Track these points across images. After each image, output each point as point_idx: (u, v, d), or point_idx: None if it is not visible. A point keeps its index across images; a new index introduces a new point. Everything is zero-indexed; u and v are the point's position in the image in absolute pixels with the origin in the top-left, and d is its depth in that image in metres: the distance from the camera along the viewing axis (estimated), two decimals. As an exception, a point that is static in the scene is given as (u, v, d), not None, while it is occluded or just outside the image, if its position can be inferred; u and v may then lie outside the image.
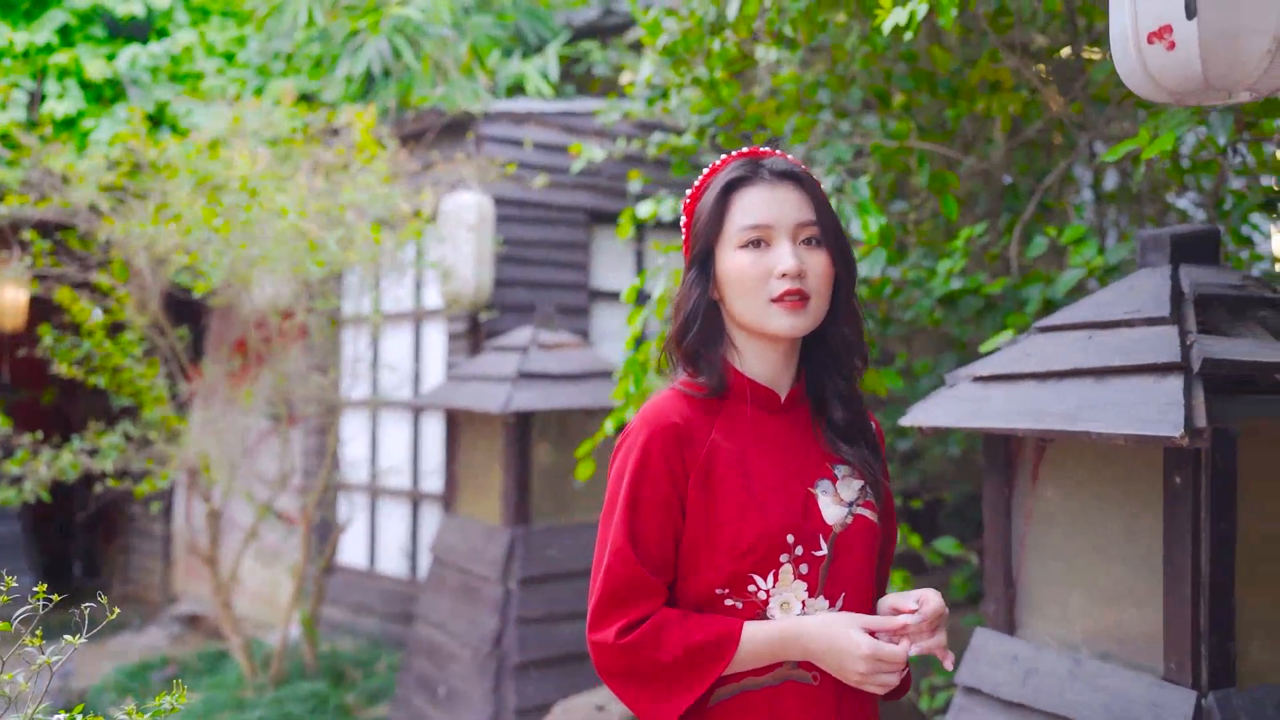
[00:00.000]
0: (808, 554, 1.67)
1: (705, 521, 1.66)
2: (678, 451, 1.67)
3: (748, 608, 1.66)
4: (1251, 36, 1.55)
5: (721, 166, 1.77)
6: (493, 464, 5.30)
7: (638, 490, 1.66)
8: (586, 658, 5.16)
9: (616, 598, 1.66)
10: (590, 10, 7.76)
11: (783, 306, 1.67)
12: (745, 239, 1.69)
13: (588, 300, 6.49)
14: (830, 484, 1.74)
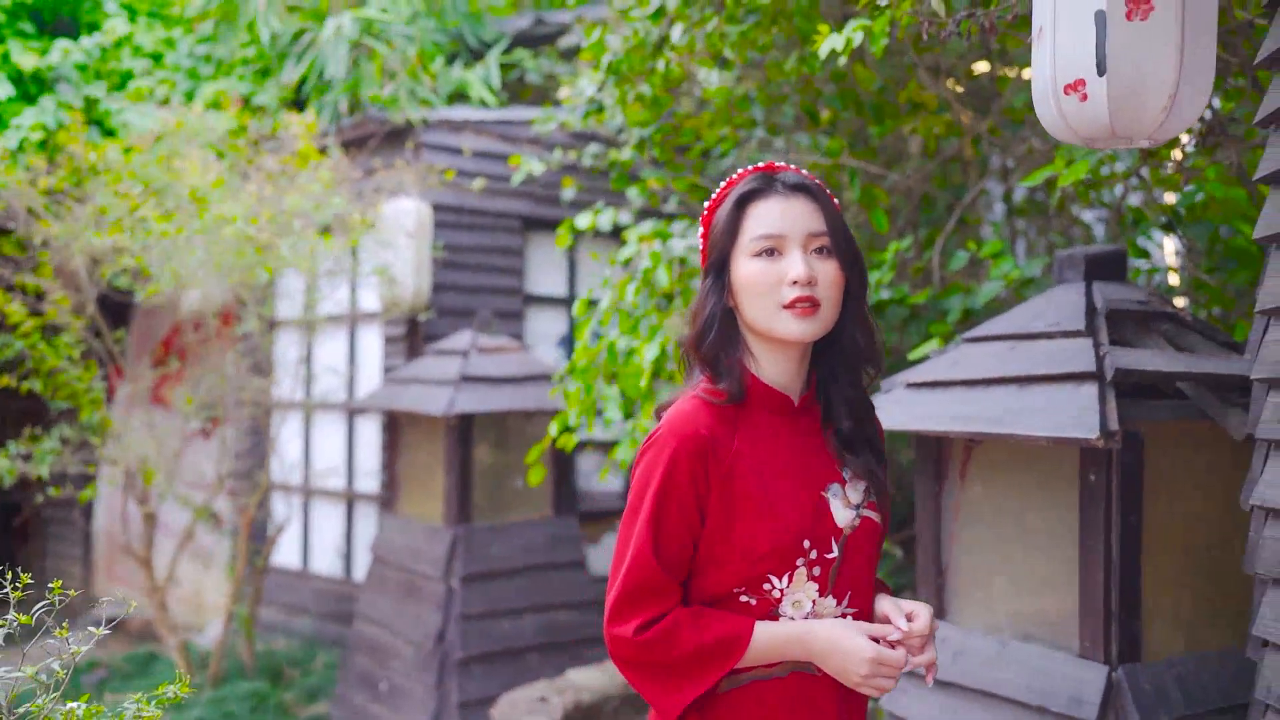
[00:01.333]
0: (820, 556, 1.75)
1: (725, 527, 1.73)
2: (702, 463, 1.73)
3: (761, 604, 1.74)
4: (1151, 94, 1.79)
5: (738, 180, 1.84)
6: (435, 465, 5.44)
7: (663, 500, 1.73)
8: (527, 652, 5.34)
9: (635, 596, 1.74)
10: (522, 19, 7.90)
11: (794, 313, 1.73)
12: (758, 248, 1.75)
13: (522, 304, 6.65)
14: (840, 487, 1.81)
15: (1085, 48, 1.77)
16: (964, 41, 2.95)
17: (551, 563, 5.52)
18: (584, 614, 5.57)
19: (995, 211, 6.23)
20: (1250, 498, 2.17)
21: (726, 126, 5.02)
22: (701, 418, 1.77)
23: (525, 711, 4.47)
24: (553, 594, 5.47)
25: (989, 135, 4.74)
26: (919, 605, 1.82)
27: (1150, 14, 1.73)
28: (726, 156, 5.53)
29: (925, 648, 1.79)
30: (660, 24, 4.67)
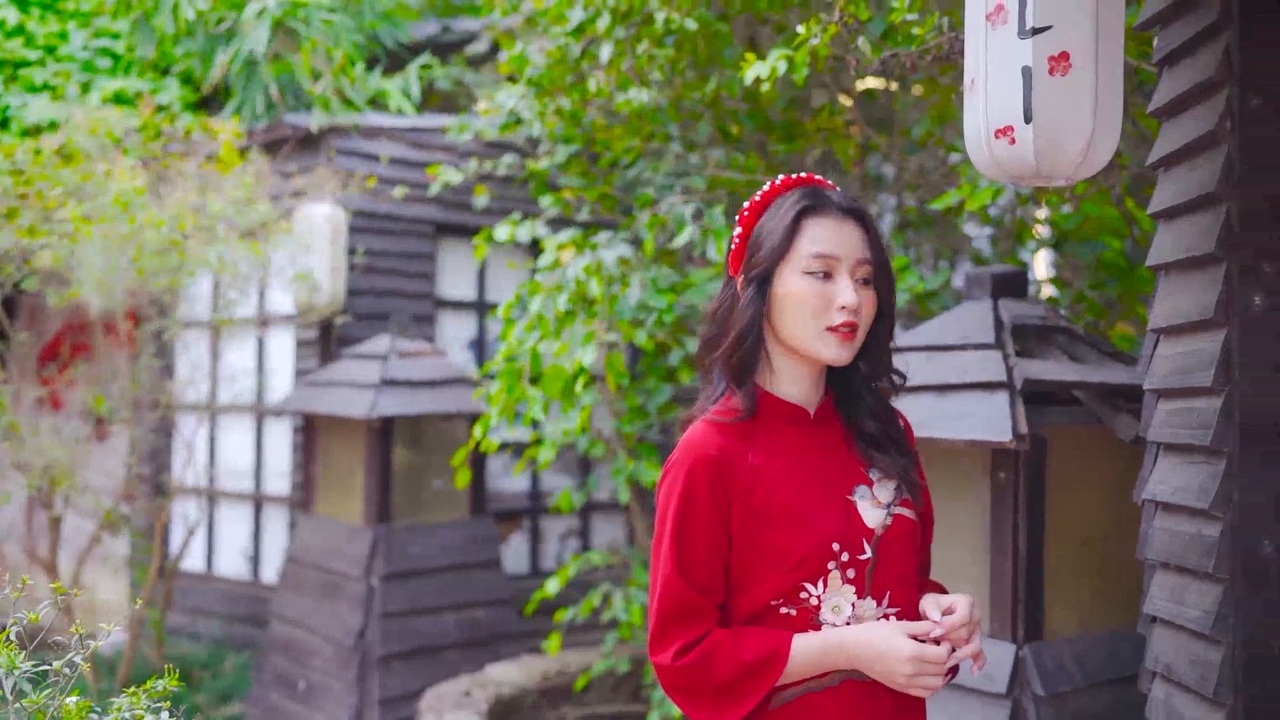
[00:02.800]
0: (853, 559, 1.74)
1: (754, 542, 1.73)
2: (720, 481, 1.73)
3: (801, 614, 1.73)
4: (1071, 140, 2.04)
5: (781, 190, 1.82)
6: (354, 467, 5.52)
7: (683, 522, 1.74)
8: (447, 649, 5.47)
9: (670, 623, 1.74)
10: (429, 26, 7.99)
11: (837, 336, 1.74)
12: (812, 267, 1.74)
13: (433, 309, 6.75)
14: (867, 489, 1.81)
15: (1014, 99, 2.01)
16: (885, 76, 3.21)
17: (469, 562, 5.66)
18: (501, 611, 5.72)
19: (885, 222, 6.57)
20: (1142, 493, 2.46)
21: (636, 138, 5.24)
22: (712, 439, 1.77)
23: (451, 705, 4.61)
24: (471, 592, 5.61)
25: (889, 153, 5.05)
26: (958, 597, 1.80)
27: (1070, 70, 1.98)
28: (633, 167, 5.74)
29: (971, 638, 1.77)
30: (581, 40, 4.85)
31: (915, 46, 2.94)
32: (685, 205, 4.50)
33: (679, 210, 4.61)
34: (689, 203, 4.50)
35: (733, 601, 1.78)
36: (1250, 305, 2.07)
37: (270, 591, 6.53)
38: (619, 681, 5.42)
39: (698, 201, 4.48)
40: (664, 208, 4.65)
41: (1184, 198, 2.23)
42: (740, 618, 1.77)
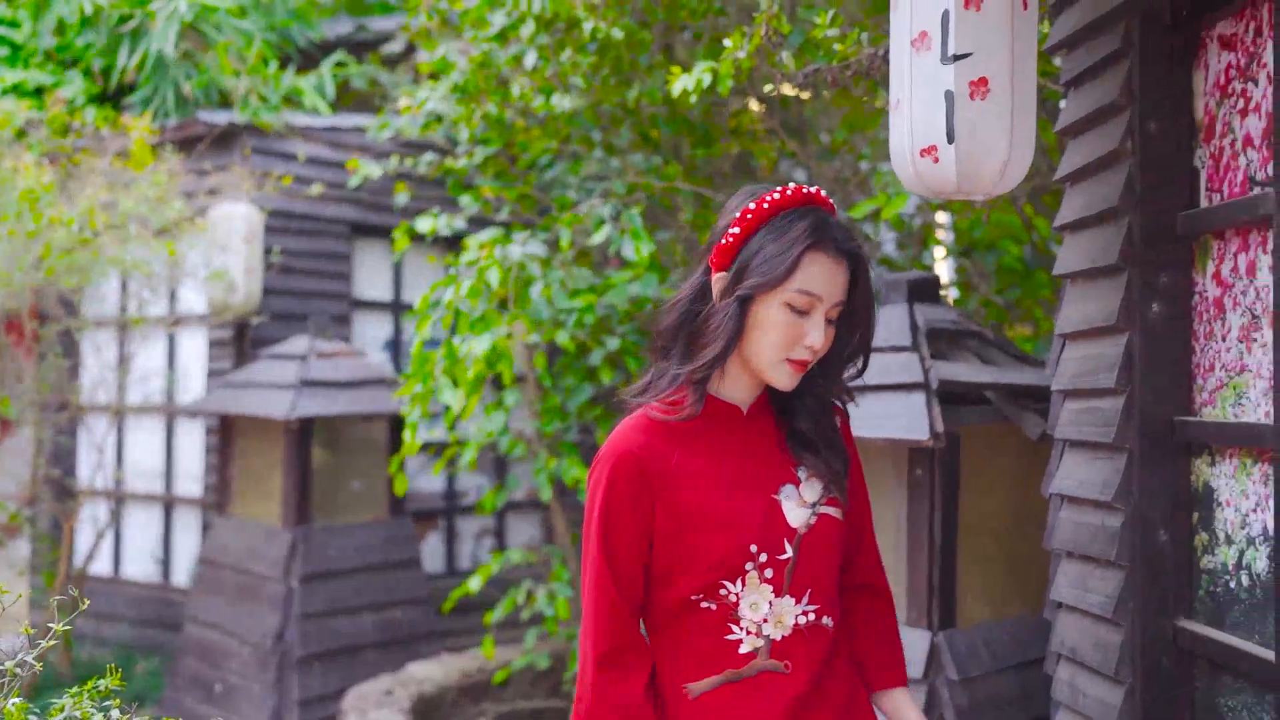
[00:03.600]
0: (772, 559, 1.75)
1: (676, 540, 1.75)
2: (642, 480, 1.75)
3: (720, 609, 1.75)
4: (990, 158, 2.18)
5: (789, 204, 1.77)
6: (272, 468, 5.50)
7: (606, 521, 1.76)
8: (366, 649, 5.48)
9: (598, 620, 1.77)
10: (342, 24, 7.95)
11: (792, 367, 1.76)
12: (796, 302, 1.73)
13: (349, 309, 6.74)
14: (794, 488, 1.81)
15: (937, 120, 2.15)
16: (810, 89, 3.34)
17: (388, 562, 5.67)
18: (420, 611, 5.75)
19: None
20: (1049, 487, 2.62)
21: (554, 140, 5.31)
22: (638, 435, 1.77)
23: (374, 704, 4.63)
24: (390, 592, 5.63)
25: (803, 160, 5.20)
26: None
27: (989, 94, 2.12)
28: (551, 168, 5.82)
29: None
30: (504, 45, 4.91)
31: (835, 62, 3.07)
32: (604, 206, 4.59)
33: (598, 211, 4.71)
34: (608, 204, 4.59)
35: (656, 594, 1.79)
36: (1149, 312, 2.23)
37: (182, 594, 6.46)
38: (538, 677, 5.49)
39: (616, 204, 4.58)
40: (583, 208, 4.74)
41: (1089, 212, 2.40)
42: (662, 612, 1.79)
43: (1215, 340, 2.16)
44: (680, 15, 4.68)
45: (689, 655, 1.77)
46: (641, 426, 1.79)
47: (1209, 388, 2.19)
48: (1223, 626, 2.11)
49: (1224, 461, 2.13)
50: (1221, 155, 2.15)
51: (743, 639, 1.75)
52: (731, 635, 1.75)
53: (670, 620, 1.79)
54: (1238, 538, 2.08)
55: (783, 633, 1.76)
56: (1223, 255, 2.14)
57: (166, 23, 6.40)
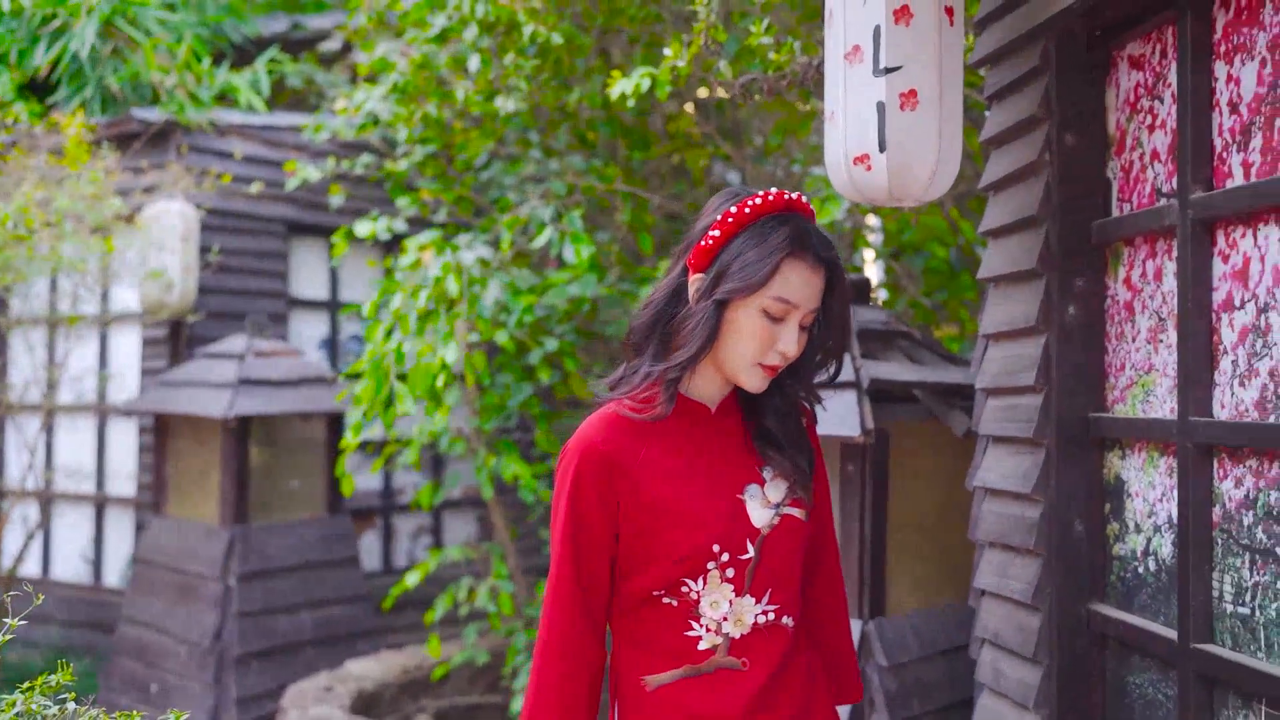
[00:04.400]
0: (734, 558, 1.75)
1: (639, 537, 1.76)
2: (606, 477, 1.76)
3: (682, 605, 1.76)
4: (919, 166, 2.30)
5: (769, 209, 1.76)
6: (210, 467, 5.49)
7: (571, 517, 1.77)
8: (304, 647, 5.49)
9: (558, 626, 1.78)
10: (277, 22, 7.92)
11: (763, 371, 1.76)
12: (772, 309, 1.72)
13: (286, 308, 6.73)
14: (758, 488, 1.81)
15: (869, 130, 2.26)
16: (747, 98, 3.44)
17: (326, 560, 5.69)
18: (358, 608, 5.77)
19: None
20: (973, 481, 2.76)
21: (492, 141, 5.38)
22: (606, 429, 1.78)
23: (313, 701, 4.66)
24: (328, 590, 5.64)
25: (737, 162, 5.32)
26: None
27: (918, 106, 2.24)
28: (489, 169, 5.88)
29: None
30: (444, 46, 4.96)
31: (771, 71, 3.18)
32: (545, 209, 4.67)
33: (539, 213, 4.78)
34: (549, 206, 4.67)
35: (619, 587, 1.80)
36: (1065, 315, 2.37)
37: (114, 595, 6.40)
38: (477, 673, 5.55)
39: (556, 205, 4.66)
40: (524, 210, 4.80)
41: (1009, 219, 2.53)
42: (626, 603, 1.80)
43: (1126, 341, 2.30)
44: (618, 20, 4.77)
45: (649, 647, 1.78)
46: (610, 421, 1.79)
47: (1120, 386, 2.32)
48: (1131, 609, 2.25)
49: (1133, 455, 2.27)
50: (1131, 168, 2.29)
51: (702, 635, 1.76)
52: (691, 631, 1.76)
53: (632, 611, 1.80)
54: (1145, 526, 2.22)
55: (742, 631, 1.76)
56: (1133, 262, 2.28)
57: (84, 20, 6.35)
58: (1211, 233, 2.02)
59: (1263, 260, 1.89)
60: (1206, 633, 1.98)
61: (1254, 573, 1.88)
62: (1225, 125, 1.99)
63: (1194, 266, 2.02)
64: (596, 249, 4.74)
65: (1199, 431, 1.99)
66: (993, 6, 2.58)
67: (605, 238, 5.22)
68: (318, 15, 8.11)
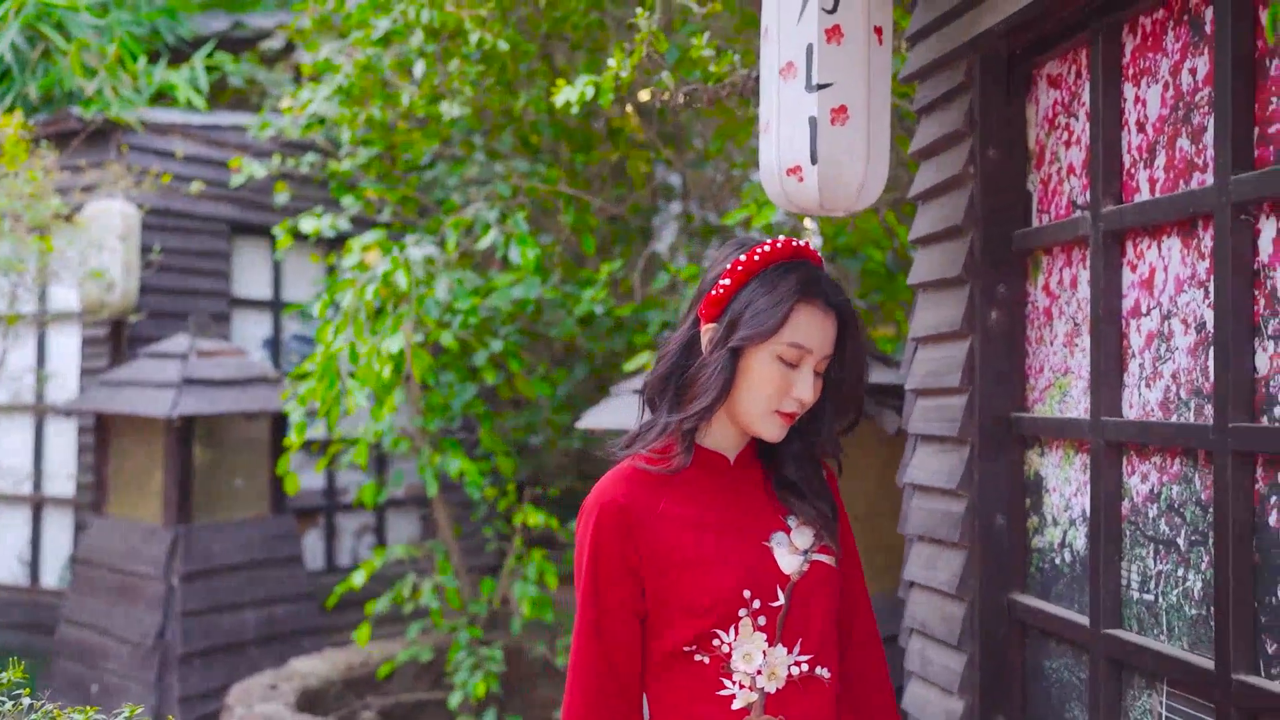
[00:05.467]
0: (765, 606, 1.71)
1: (667, 589, 1.72)
2: (628, 532, 1.73)
3: (714, 661, 1.71)
4: (849, 178, 2.42)
5: (778, 256, 1.78)
6: (152, 466, 5.49)
7: (595, 576, 1.74)
8: (248, 645, 5.51)
9: (579, 700, 1.74)
10: (219, 20, 7.89)
11: (781, 419, 1.75)
12: (787, 355, 1.73)
13: (229, 308, 6.72)
14: (784, 535, 1.78)
15: (802, 143, 2.37)
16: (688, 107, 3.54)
17: (270, 558, 5.71)
18: (302, 606, 5.80)
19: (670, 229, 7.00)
20: (903, 478, 2.88)
21: (436, 142, 5.44)
22: (624, 484, 1.76)
23: (258, 699, 4.68)
24: (272, 588, 5.67)
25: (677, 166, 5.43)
26: None
27: (848, 120, 2.35)
28: (433, 169, 5.93)
29: None
30: (387, 49, 5.01)
31: (711, 82, 3.29)
32: (490, 210, 4.74)
33: (483, 215, 4.85)
34: (493, 208, 4.74)
35: (649, 646, 1.75)
36: (988, 320, 2.50)
37: (53, 596, 6.36)
38: (421, 670, 5.60)
39: (501, 207, 4.74)
40: (469, 212, 4.87)
41: (936, 228, 2.65)
42: (655, 660, 1.75)
43: (1045, 345, 2.43)
44: (562, 27, 4.86)
45: (681, 711, 1.73)
46: (627, 475, 1.78)
47: (1039, 387, 2.45)
48: (1049, 598, 2.38)
49: (1051, 452, 2.40)
50: (1050, 181, 2.42)
51: (736, 693, 1.70)
52: (724, 690, 1.70)
53: (662, 674, 1.75)
54: (1062, 519, 2.35)
55: (777, 685, 1.71)
56: (1051, 270, 2.41)
57: (11, 23, 6.29)
58: (1121, 243, 2.15)
59: (1166, 270, 2.02)
60: (1115, 618, 2.11)
61: (1157, 562, 2.01)
62: (1133, 143, 2.13)
63: (1105, 275, 2.15)
64: (541, 251, 4.82)
65: (1109, 430, 2.12)
66: (922, 24, 2.69)
67: (548, 240, 5.30)
68: (259, 14, 8.08)
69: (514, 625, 5.06)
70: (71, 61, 6.35)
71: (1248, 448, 1.76)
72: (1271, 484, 1.74)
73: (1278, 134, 1.75)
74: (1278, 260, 1.75)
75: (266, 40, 7.69)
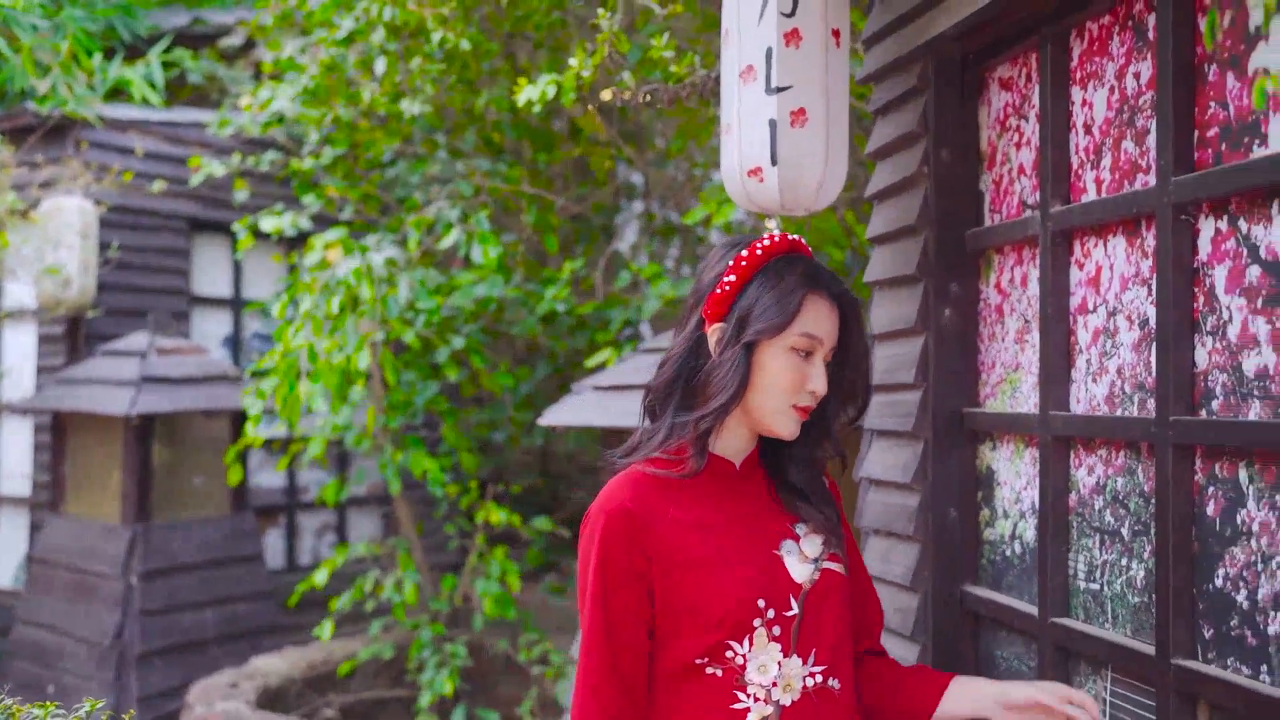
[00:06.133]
0: (779, 615, 1.68)
1: (676, 598, 1.67)
2: (635, 539, 1.68)
3: (727, 674, 1.66)
4: (808, 179, 2.47)
5: (777, 251, 1.79)
6: (111, 465, 5.46)
7: (602, 586, 1.69)
8: (208, 644, 5.49)
9: (589, 693, 1.68)
10: (178, 16, 7.83)
11: (798, 414, 1.75)
12: (801, 345, 1.72)
13: (189, 305, 6.69)
14: (794, 543, 1.76)
15: (762, 145, 2.41)
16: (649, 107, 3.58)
17: (231, 557, 5.70)
18: (262, 604, 5.79)
19: (633, 228, 7.05)
20: (859, 472, 2.93)
21: (398, 140, 5.45)
22: (630, 490, 1.72)
23: (218, 697, 4.68)
24: (232, 587, 5.65)
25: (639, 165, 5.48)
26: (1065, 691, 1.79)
27: (807, 123, 2.40)
28: (394, 166, 5.94)
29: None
30: (350, 48, 5.02)
31: (672, 83, 3.33)
32: (452, 210, 4.76)
33: (446, 214, 4.87)
34: (455, 206, 4.76)
35: (658, 657, 1.70)
36: (942, 318, 2.55)
37: (8, 597, 6.30)
38: (382, 668, 5.61)
39: (463, 206, 4.76)
40: (431, 211, 4.89)
41: (892, 227, 2.71)
42: (665, 675, 1.70)
43: (996, 341, 2.50)
44: (524, 26, 4.88)
45: None
46: (634, 480, 1.74)
47: (991, 383, 2.52)
48: (1000, 589, 2.44)
49: (1003, 446, 2.46)
50: (1001, 181, 2.48)
51: (750, 707, 1.65)
52: (738, 704, 1.65)
53: (672, 688, 1.70)
54: (1012, 512, 2.41)
55: (792, 697, 1.67)
56: (1002, 268, 2.47)
57: None
58: (1069, 243, 2.21)
59: (1112, 268, 2.08)
60: (1063, 608, 2.17)
61: (1103, 552, 2.08)
62: (1081, 145, 2.19)
63: (1053, 273, 2.21)
64: (503, 250, 4.85)
65: (1057, 424, 2.18)
66: (878, 27, 2.75)
67: (511, 238, 5.33)
68: (219, 9, 8.03)
69: (476, 622, 5.08)
70: (23, 59, 6.29)
71: (1187, 440, 1.82)
72: (1210, 475, 1.80)
73: (1216, 137, 1.82)
74: (1215, 259, 1.81)
75: (226, 37, 7.65)
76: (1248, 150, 1.74)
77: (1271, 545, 1.68)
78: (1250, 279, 1.73)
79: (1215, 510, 1.79)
